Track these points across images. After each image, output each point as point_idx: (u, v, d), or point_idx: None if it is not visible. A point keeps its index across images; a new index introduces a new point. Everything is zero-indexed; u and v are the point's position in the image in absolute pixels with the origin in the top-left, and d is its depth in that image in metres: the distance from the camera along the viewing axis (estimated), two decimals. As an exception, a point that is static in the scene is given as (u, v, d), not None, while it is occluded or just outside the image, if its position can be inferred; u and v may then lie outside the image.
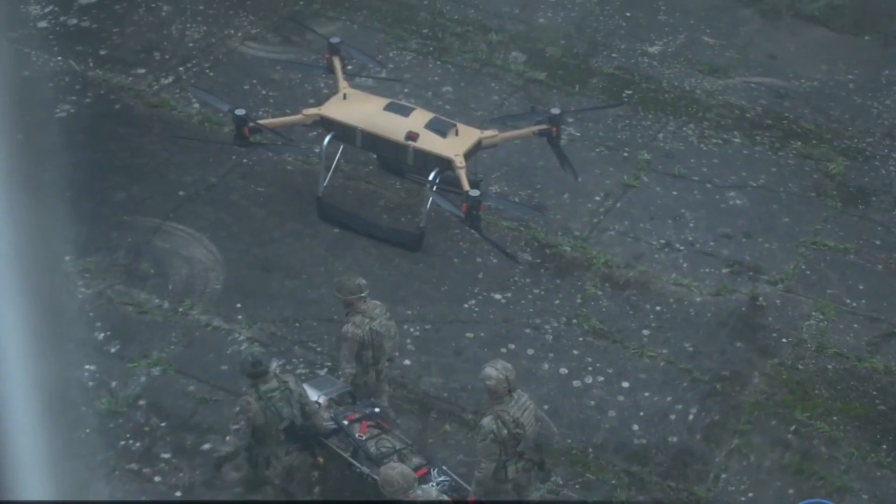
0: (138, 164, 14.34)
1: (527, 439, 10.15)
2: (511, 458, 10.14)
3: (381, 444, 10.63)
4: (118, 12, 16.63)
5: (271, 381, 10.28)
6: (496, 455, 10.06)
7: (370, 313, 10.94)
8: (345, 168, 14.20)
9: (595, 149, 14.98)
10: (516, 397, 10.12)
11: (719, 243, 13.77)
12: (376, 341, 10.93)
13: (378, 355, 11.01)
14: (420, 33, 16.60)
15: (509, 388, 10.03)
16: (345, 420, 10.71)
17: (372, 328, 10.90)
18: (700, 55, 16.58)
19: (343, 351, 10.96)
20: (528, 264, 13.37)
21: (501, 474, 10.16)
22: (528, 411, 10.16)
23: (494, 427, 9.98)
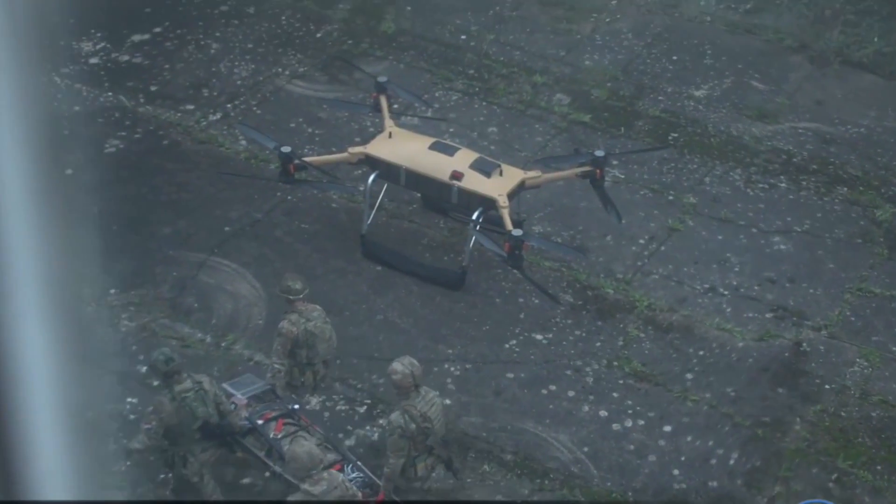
0: (185, 199, 14.48)
1: (435, 434, 10.42)
2: (420, 454, 10.42)
3: (295, 441, 10.72)
4: (169, 49, 16.85)
5: (185, 382, 10.48)
6: (405, 450, 10.32)
7: (307, 314, 11.27)
8: (389, 206, 14.26)
9: (639, 191, 14.96)
10: (423, 393, 10.41)
11: (764, 288, 13.68)
12: (310, 341, 11.24)
13: (312, 356, 11.31)
14: (466, 74, 16.69)
15: (415, 383, 10.32)
16: (260, 419, 10.99)
17: (307, 328, 11.22)
18: (747, 100, 16.54)
19: (275, 346, 11.26)
20: (569, 305, 13.34)
21: (411, 472, 10.44)
22: (436, 406, 10.45)
23: (402, 422, 10.26)
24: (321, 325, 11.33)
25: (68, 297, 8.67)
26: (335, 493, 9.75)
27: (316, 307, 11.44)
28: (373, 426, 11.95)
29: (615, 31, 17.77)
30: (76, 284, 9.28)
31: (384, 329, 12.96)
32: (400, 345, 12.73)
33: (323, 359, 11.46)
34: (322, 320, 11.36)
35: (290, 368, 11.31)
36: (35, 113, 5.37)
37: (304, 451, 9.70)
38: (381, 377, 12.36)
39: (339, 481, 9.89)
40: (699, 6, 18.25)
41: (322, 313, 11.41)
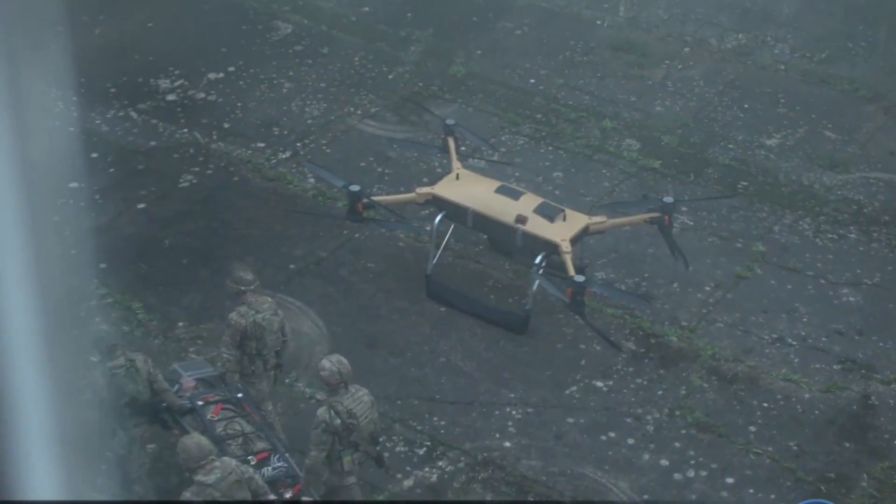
0: (253, 235, 14.62)
1: (360, 430, 10.69)
2: (346, 449, 10.70)
3: (230, 426, 11.14)
4: (242, 87, 17.08)
5: (118, 359, 10.99)
6: (326, 445, 10.62)
7: (256, 306, 11.60)
8: (455, 247, 14.29)
9: (708, 238, 14.85)
10: (352, 390, 10.74)
11: (832, 340, 13.48)
12: (258, 333, 11.55)
13: (261, 347, 11.62)
14: (533, 118, 16.72)
15: (342, 380, 10.66)
16: (200, 401, 11.32)
17: (255, 320, 11.54)
18: (820, 149, 16.38)
19: (224, 337, 11.64)
20: (631, 353, 13.25)
21: (338, 465, 10.75)
22: (363, 404, 10.73)
23: (327, 416, 10.57)
24: (270, 317, 11.64)
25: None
26: (230, 479, 9.98)
27: (267, 299, 11.81)
28: (432, 468, 11.93)
29: (687, 78, 17.71)
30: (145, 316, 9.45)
31: (446, 371, 12.96)
32: (462, 387, 12.74)
33: (273, 350, 11.77)
34: (271, 312, 11.68)
35: (240, 358, 11.65)
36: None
37: (193, 443, 9.99)
38: (442, 419, 12.37)
39: (234, 467, 10.09)
40: (773, 55, 18.15)
41: (272, 306, 11.75)
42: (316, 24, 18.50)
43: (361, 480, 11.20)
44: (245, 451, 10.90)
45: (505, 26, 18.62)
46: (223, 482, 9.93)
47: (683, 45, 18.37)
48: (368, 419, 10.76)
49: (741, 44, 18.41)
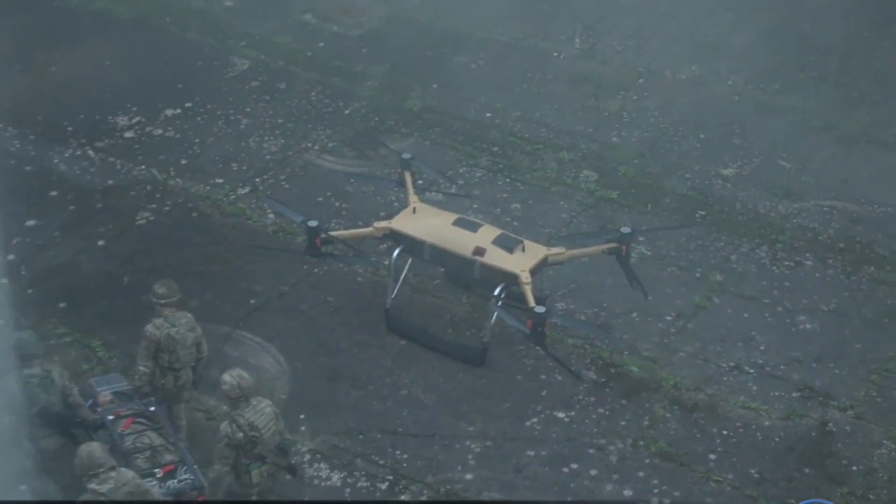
0: (213, 271, 14.58)
1: (265, 443, 10.82)
2: (253, 462, 10.84)
3: (139, 440, 11.28)
4: (199, 123, 17.07)
5: (34, 368, 11.13)
6: (229, 459, 10.79)
7: (173, 320, 11.76)
8: (413, 281, 14.31)
9: (667, 268, 14.95)
10: (254, 403, 10.88)
11: (789, 367, 13.58)
12: (171, 346, 11.71)
13: (173, 360, 11.77)
14: (491, 151, 16.81)
15: (242, 394, 10.81)
16: (111, 416, 11.45)
17: (169, 333, 11.70)
18: (774, 178, 16.55)
19: (140, 349, 11.78)
20: (592, 383, 13.28)
21: (246, 479, 10.88)
22: (266, 416, 10.89)
23: (229, 430, 10.74)
24: (184, 332, 11.78)
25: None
26: (124, 490, 10.14)
27: (185, 314, 11.92)
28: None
29: (643, 109, 17.87)
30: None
31: (408, 404, 12.95)
32: (423, 420, 12.74)
33: (186, 365, 11.88)
34: (187, 328, 11.81)
35: (153, 370, 11.77)
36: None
37: (86, 452, 10.15)
38: (404, 452, 12.35)
39: (129, 478, 10.25)
40: (727, 86, 18.35)
41: (190, 321, 11.88)
42: (272, 60, 18.54)
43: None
44: (152, 464, 11.08)
45: (461, 60, 18.73)
46: (116, 493, 10.10)
47: (638, 76, 18.54)
48: (272, 431, 10.93)
49: (695, 75, 18.61)
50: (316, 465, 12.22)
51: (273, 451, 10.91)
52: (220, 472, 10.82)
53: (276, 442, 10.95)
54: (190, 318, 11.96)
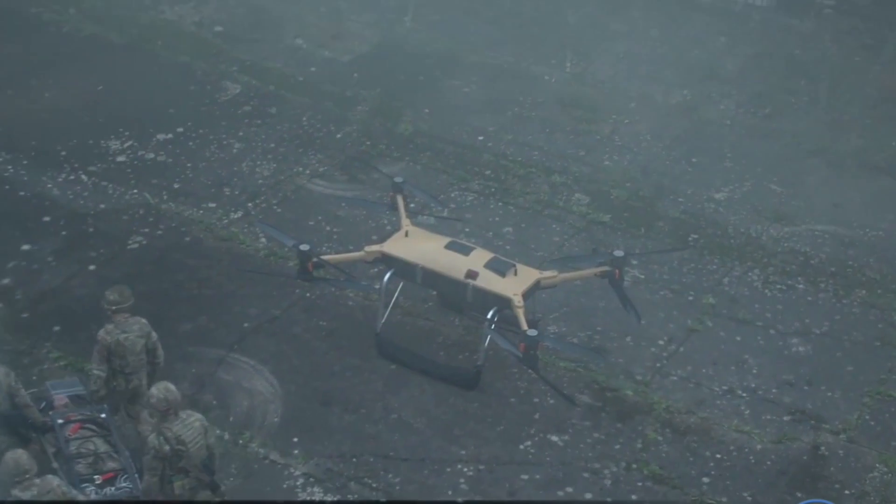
0: (206, 295, 14.57)
1: (190, 457, 10.89)
2: (176, 475, 10.92)
3: (84, 445, 11.48)
4: (192, 148, 17.10)
5: None
6: (158, 470, 10.85)
7: (124, 326, 11.93)
8: (405, 304, 14.31)
9: (659, 291, 14.97)
10: (183, 417, 10.96)
11: (781, 390, 13.60)
12: (120, 351, 11.88)
13: (123, 365, 11.93)
14: (482, 174, 16.84)
15: (170, 407, 10.84)
16: (61, 420, 11.64)
17: (118, 339, 11.87)
18: (766, 202, 16.62)
19: (94, 353, 11.96)
20: (587, 407, 13.28)
21: (169, 490, 10.95)
22: (193, 431, 10.96)
23: (156, 443, 10.80)
24: (134, 338, 11.95)
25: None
26: (47, 497, 10.19)
27: (139, 320, 12.07)
28: (386, 526, 11.88)
29: (635, 133, 17.94)
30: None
31: (399, 428, 12.92)
32: (414, 445, 12.71)
33: (136, 370, 12.03)
34: (138, 334, 11.96)
35: (108, 374, 11.95)
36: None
37: (11, 458, 10.19)
38: (396, 476, 12.32)
39: (54, 486, 10.32)
40: (718, 110, 18.43)
41: (143, 327, 12.03)
42: (264, 85, 18.59)
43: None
44: (94, 470, 11.27)
45: (453, 84, 18.79)
46: (39, 500, 10.15)
47: (630, 100, 18.61)
48: (199, 445, 11.00)
49: (686, 99, 18.70)
50: (309, 488, 12.18)
51: (197, 465, 11.02)
52: (149, 482, 10.96)
53: (203, 457, 11.07)
54: (144, 324, 12.12)
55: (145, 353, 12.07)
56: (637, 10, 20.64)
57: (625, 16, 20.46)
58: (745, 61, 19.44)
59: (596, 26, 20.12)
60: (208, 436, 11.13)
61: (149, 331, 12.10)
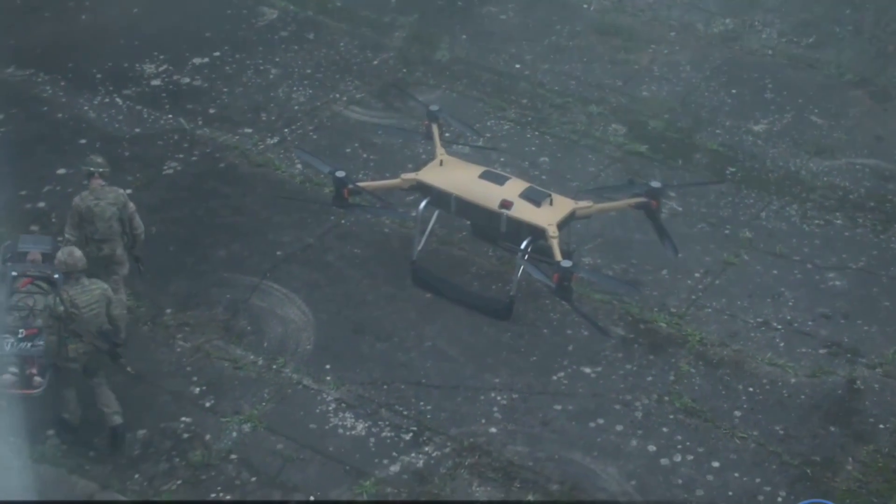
0: (240, 222, 14.59)
1: (83, 322, 11.37)
2: (70, 337, 11.42)
3: (24, 300, 12.05)
4: (228, 73, 17.02)
5: None
6: (55, 329, 11.37)
7: (98, 193, 12.42)
8: (439, 233, 14.27)
9: (697, 225, 14.86)
10: (86, 283, 11.45)
11: (817, 324, 13.51)
12: (90, 218, 12.36)
13: (92, 231, 12.41)
14: (519, 103, 16.69)
15: (70, 271, 11.37)
16: (15, 272, 12.22)
17: (89, 205, 12.35)
18: (806, 135, 16.39)
19: (67, 218, 12.50)
20: (620, 339, 13.25)
21: (64, 351, 11.48)
22: (91, 296, 11.41)
23: (51, 303, 11.37)
24: (104, 205, 12.38)
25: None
26: None
27: (116, 190, 12.55)
28: (418, 453, 11.93)
29: (674, 63, 17.70)
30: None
31: (432, 356, 12.96)
32: (447, 372, 12.74)
33: (107, 237, 12.48)
34: (109, 202, 12.40)
35: (79, 239, 12.37)
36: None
37: None
38: (428, 404, 12.37)
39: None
40: (760, 39, 18.14)
41: (118, 198, 12.46)
42: (301, 10, 18.44)
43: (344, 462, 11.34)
44: (22, 324, 11.90)
45: (490, 11, 18.58)
46: None
47: (669, 29, 18.35)
48: (95, 312, 11.43)
49: (728, 29, 18.40)
50: (341, 413, 12.26)
51: (92, 332, 11.39)
52: (48, 340, 11.45)
53: (99, 325, 11.43)
54: (120, 194, 12.54)
55: (118, 222, 12.49)
56: (679, -64, 20.31)
57: (667, -57, 20.13)
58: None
59: (637, -47, 19.81)
60: (112, 307, 11.62)
61: (125, 201, 12.53)
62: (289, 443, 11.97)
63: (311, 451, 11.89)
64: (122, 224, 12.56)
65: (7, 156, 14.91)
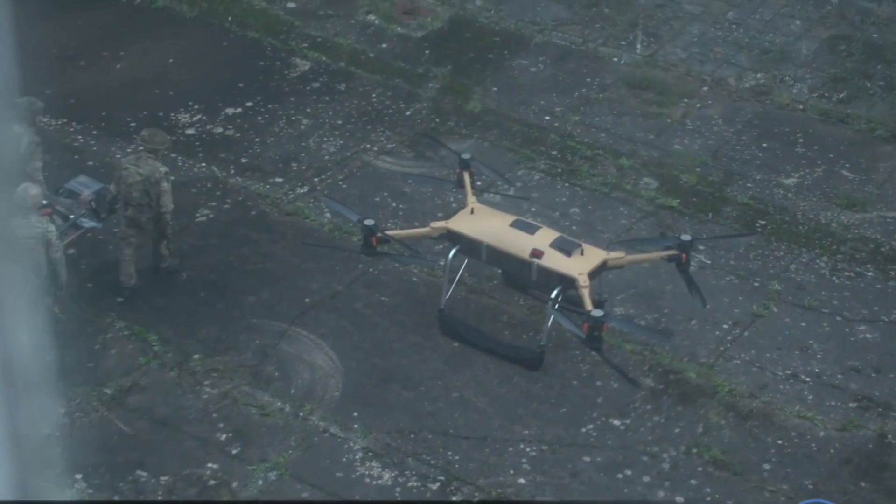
0: (269, 269, 14.65)
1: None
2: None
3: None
4: (260, 123, 17.16)
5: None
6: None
7: (137, 162, 13.67)
8: (469, 281, 14.28)
9: (725, 277, 14.81)
10: (33, 221, 12.41)
11: (847, 377, 13.41)
12: (118, 178, 13.78)
13: (119, 191, 13.76)
14: (549, 154, 16.72)
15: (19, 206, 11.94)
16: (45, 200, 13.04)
17: (122, 168, 13.77)
18: (837, 188, 16.34)
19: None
20: (649, 390, 13.18)
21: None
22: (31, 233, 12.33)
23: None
24: (133, 172, 13.57)
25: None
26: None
27: (155, 164, 13.63)
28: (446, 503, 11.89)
29: (706, 117, 17.71)
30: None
31: (459, 406, 12.92)
32: (475, 423, 12.70)
33: (134, 203, 13.66)
34: (138, 171, 13.55)
35: (116, 194, 13.83)
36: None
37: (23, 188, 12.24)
38: (456, 454, 12.32)
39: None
40: (791, 94, 18.14)
41: (152, 172, 13.54)
42: (334, 61, 18.58)
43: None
44: None
45: (521, 63, 18.67)
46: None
47: (702, 83, 18.37)
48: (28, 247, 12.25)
49: (760, 83, 18.41)
50: (368, 462, 12.23)
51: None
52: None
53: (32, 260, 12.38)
54: (156, 169, 13.60)
55: (143, 193, 13.56)
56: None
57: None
58: (820, 45, 19.12)
59: (668, 8, 19.90)
60: (52, 250, 12.47)
61: (158, 178, 13.55)
62: (315, 491, 11.94)
63: (337, 499, 11.86)
64: (149, 196, 13.60)
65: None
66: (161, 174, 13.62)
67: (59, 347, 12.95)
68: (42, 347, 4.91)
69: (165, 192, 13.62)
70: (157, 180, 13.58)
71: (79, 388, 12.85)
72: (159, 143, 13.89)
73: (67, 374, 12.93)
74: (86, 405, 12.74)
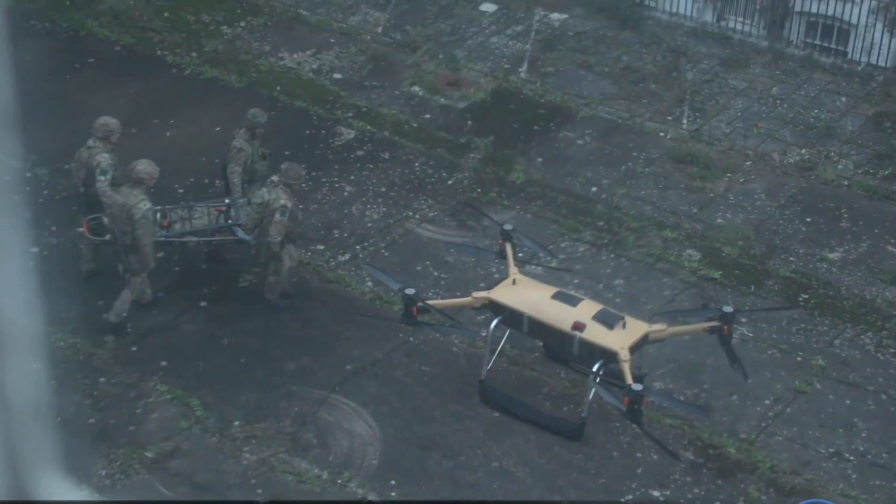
0: (310, 335, 14.69)
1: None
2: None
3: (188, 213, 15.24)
4: (304, 190, 17.23)
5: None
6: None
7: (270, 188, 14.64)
8: (510, 353, 14.25)
9: (767, 351, 14.70)
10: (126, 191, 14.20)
11: (892, 456, 13.21)
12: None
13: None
14: (595, 226, 16.73)
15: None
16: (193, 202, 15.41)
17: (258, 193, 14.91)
18: (883, 264, 16.23)
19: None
20: (689, 463, 13.05)
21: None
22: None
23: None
24: (258, 192, 14.84)
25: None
26: None
27: (278, 193, 14.47)
28: (482, 575, 11.78)
29: (749, 192, 17.69)
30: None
31: (499, 476, 12.84)
32: (514, 493, 12.61)
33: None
34: (262, 195, 14.62)
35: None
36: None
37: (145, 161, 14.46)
38: (493, 525, 12.23)
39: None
40: (836, 170, 18.09)
41: (274, 199, 14.43)
42: (378, 130, 18.75)
43: None
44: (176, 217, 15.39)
45: (566, 136, 18.76)
46: None
47: (745, 158, 18.37)
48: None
49: (804, 159, 18.38)
50: (406, 532, 12.17)
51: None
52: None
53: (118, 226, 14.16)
54: (278, 198, 14.38)
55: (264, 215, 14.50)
56: (757, 67, 20.44)
57: (744, 72, 20.27)
58: (865, 121, 19.09)
59: (714, 83, 19.96)
60: (136, 225, 13.64)
61: (275, 208, 14.38)
62: (351, 559, 11.88)
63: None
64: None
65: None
66: (279, 205, 14.34)
67: (101, 410, 13.12)
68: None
69: (277, 223, 14.34)
70: (278, 206, 14.35)
71: (120, 451, 12.89)
72: (293, 177, 14.57)
73: (110, 436, 13.01)
74: (127, 467, 12.76)
